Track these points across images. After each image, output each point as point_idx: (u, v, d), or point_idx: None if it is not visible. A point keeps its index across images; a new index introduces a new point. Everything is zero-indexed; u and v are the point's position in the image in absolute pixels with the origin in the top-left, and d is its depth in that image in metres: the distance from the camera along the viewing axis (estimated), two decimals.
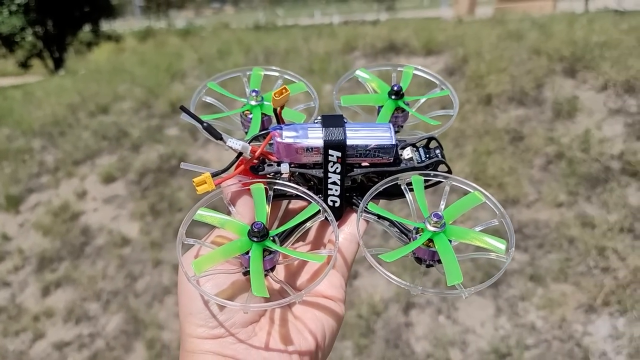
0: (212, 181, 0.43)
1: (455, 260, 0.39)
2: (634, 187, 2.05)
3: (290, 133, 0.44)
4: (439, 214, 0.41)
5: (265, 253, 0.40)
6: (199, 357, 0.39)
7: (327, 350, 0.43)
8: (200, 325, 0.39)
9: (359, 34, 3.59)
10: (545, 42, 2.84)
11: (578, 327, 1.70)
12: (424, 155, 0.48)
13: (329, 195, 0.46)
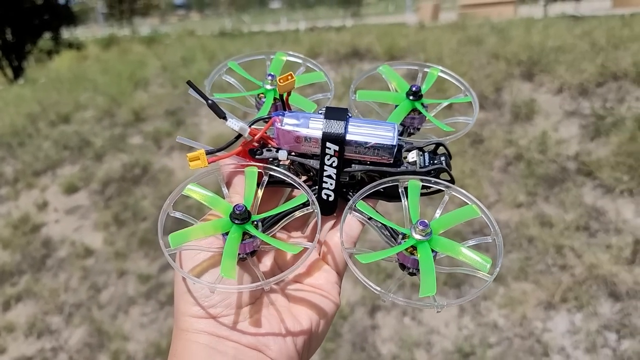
0: (206, 158, 0.43)
1: (432, 272, 0.38)
2: (589, 187, 2.12)
3: (291, 120, 0.44)
4: (425, 222, 0.40)
5: (245, 237, 0.40)
6: (193, 335, 0.39)
7: (320, 338, 0.43)
8: (195, 304, 0.39)
9: (323, 40, 3.62)
10: (504, 47, 2.92)
11: (538, 324, 1.75)
12: (428, 161, 0.46)
13: (323, 189, 0.45)
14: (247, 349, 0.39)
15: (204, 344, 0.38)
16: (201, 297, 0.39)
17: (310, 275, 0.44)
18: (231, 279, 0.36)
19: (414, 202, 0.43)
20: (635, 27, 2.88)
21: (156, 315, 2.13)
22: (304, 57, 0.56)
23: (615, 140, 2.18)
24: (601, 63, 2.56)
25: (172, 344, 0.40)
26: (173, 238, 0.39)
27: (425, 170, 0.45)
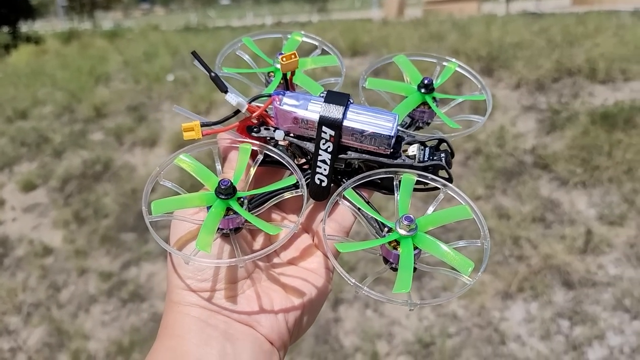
0: (201, 130, 0.42)
1: (410, 269, 0.37)
2: (545, 179, 2.18)
3: (290, 101, 0.42)
4: (410, 217, 0.39)
5: (230, 212, 0.39)
6: (184, 308, 0.39)
7: (311, 319, 0.44)
8: (188, 278, 0.39)
9: None
10: (464, 43, 2.97)
11: (496, 314, 1.79)
12: (428, 156, 0.44)
13: (317, 173, 0.44)
14: (238, 323, 0.39)
15: (196, 316, 0.38)
16: (194, 271, 0.39)
17: (303, 259, 0.44)
18: (206, 252, 0.36)
19: (404, 196, 0.42)
20: (589, 25, 2.97)
21: (118, 313, 2.10)
22: (320, 39, 0.54)
23: (569, 134, 2.25)
24: (557, 59, 2.63)
25: (163, 315, 0.40)
26: (156, 205, 0.39)
27: (423, 165, 0.43)
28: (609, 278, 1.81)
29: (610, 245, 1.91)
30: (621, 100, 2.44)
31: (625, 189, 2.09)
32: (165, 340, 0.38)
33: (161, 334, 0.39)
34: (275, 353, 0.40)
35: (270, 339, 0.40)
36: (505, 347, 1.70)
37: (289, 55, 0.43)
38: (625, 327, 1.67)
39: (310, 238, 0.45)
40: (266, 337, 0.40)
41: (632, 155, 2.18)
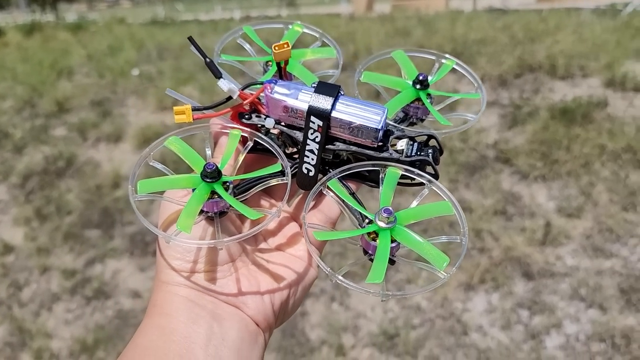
0: (192, 114, 0.42)
1: (384, 261, 0.38)
2: (506, 173, 2.24)
3: (281, 89, 0.43)
4: (389, 209, 0.39)
5: (214, 196, 0.40)
6: (173, 288, 0.40)
7: (297, 303, 0.44)
8: (177, 258, 0.40)
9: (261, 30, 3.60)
10: (430, 39, 3.01)
11: (458, 305, 1.83)
12: (415, 151, 0.44)
13: (304, 163, 0.44)
14: (225, 304, 0.40)
15: (184, 296, 0.39)
16: (184, 252, 0.40)
17: (290, 246, 0.45)
18: (186, 232, 0.37)
19: (387, 190, 0.42)
20: (550, 22, 3.04)
21: (82, 311, 2.07)
22: (321, 31, 0.55)
23: (530, 129, 2.31)
24: (519, 56, 2.69)
25: (152, 294, 0.41)
26: (142, 185, 0.39)
27: (409, 160, 0.43)
28: (567, 269, 1.87)
29: (568, 237, 1.97)
30: (579, 96, 2.51)
31: (582, 182, 2.16)
32: (153, 318, 0.39)
33: (150, 312, 0.40)
34: (260, 334, 0.41)
35: (256, 320, 0.41)
36: (468, 338, 1.74)
37: (281, 44, 0.44)
38: (581, 315, 1.72)
39: (298, 226, 0.46)
40: (252, 318, 0.41)
41: (589, 149, 2.25)
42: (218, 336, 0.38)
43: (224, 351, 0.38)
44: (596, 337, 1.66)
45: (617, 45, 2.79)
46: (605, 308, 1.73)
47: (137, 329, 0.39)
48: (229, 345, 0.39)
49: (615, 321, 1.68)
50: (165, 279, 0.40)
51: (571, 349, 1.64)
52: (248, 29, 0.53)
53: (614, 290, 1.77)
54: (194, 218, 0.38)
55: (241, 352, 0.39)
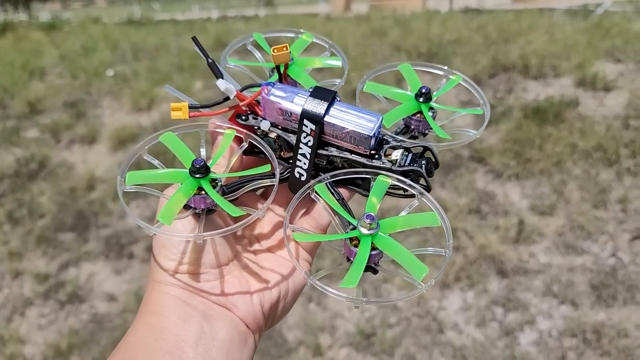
0: (188, 112, 0.42)
1: (361, 267, 0.37)
2: (481, 172, 2.26)
3: (278, 92, 0.43)
4: (372, 215, 0.39)
5: (201, 192, 0.40)
6: (165, 287, 0.40)
7: (287, 307, 0.45)
8: (171, 259, 0.40)
9: (230, 30, 3.58)
10: (405, 39, 3.03)
11: (434, 303, 1.85)
12: (409, 162, 0.44)
13: (297, 167, 0.44)
14: (216, 305, 0.41)
15: (176, 296, 0.40)
16: (177, 253, 0.41)
17: (283, 250, 0.46)
18: (166, 224, 0.38)
19: (374, 197, 0.41)
20: (523, 23, 3.09)
21: (55, 315, 2.04)
22: (331, 42, 0.55)
23: (504, 129, 2.34)
24: (493, 56, 2.72)
25: (145, 293, 0.42)
26: (130, 176, 0.40)
27: (401, 170, 0.43)
28: (540, 266, 1.90)
29: (541, 235, 2.00)
30: (551, 95, 2.55)
31: (554, 180, 2.20)
32: (145, 317, 0.40)
33: (142, 310, 0.41)
34: (250, 335, 0.42)
35: (246, 321, 0.42)
36: (443, 335, 1.75)
37: (280, 47, 0.44)
38: (554, 311, 1.75)
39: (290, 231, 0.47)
40: (242, 320, 0.41)
41: (561, 148, 2.29)
42: (208, 336, 0.39)
43: (214, 350, 0.39)
44: (568, 332, 1.69)
45: (588, 46, 2.84)
46: (577, 304, 1.76)
47: (129, 328, 0.40)
48: (219, 344, 0.39)
49: (586, 317, 1.71)
50: (158, 279, 0.41)
51: (544, 344, 1.67)
52: (258, 35, 0.54)
53: (585, 287, 1.81)
54: (177, 211, 0.38)
55: (230, 352, 0.40)
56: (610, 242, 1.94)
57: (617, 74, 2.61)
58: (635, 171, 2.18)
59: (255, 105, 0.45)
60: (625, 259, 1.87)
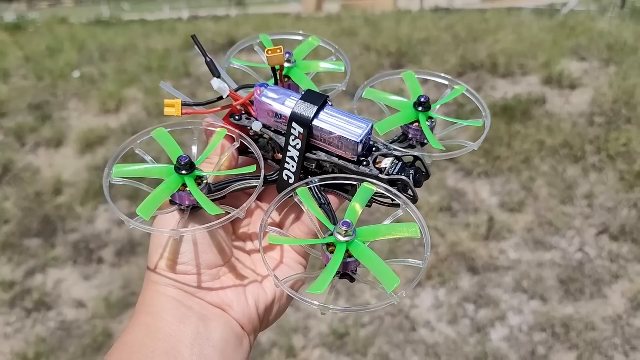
0: (181, 109, 0.43)
1: (331, 274, 0.37)
2: (451, 170, 2.28)
3: (270, 94, 0.43)
4: (348, 222, 0.38)
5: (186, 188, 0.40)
6: (162, 288, 0.41)
7: (282, 309, 0.45)
8: (168, 259, 0.41)
9: (199, 30, 3.55)
10: (375, 39, 3.04)
11: (406, 302, 1.86)
12: (397, 171, 0.43)
13: (285, 169, 0.44)
14: (212, 306, 0.41)
15: (172, 296, 0.40)
16: (174, 253, 0.41)
17: (276, 251, 0.46)
18: (144, 218, 0.38)
19: (356, 204, 0.41)
20: (491, 22, 3.13)
21: (22, 324, 1.99)
22: (337, 47, 0.55)
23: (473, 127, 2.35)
24: (462, 55, 2.75)
25: (142, 293, 0.42)
26: (117, 168, 0.41)
27: (388, 178, 0.42)
28: (510, 262, 1.92)
29: (510, 231, 2.03)
30: (519, 93, 2.59)
31: (523, 177, 2.23)
32: (141, 317, 0.40)
33: (138, 310, 0.41)
34: (245, 337, 0.42)
35: (242, 323, 0.42)
36: (416, 333, 1.76)
37: (274, 49, 0.44)
38: (524, 307, 1.78)
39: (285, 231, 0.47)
40: (237, 321, 0.42)
41: (529, 145, 2.33)
42: (204, 336, 0.39)
43: (209, 351, 0.39)
44: (538, 327, 1.71)
45: (554, 45, 2.89)
46: (546, 299, 1.79)
47: (125, 328, 0.40)
48: (214, 345, 0.40)
49: (555, 311, 1.74)
50: (154, 279, 0.41)
51: (515, 340, 1.69)
52: (265, 37, 0.54)
53: (554, 282, 1.84)
54: (157, 206, 0.39)
55: (226, 353, 0.40)
56: (577, 237, 1.98)
57: (582, 72, 2.66)
58: (600, 167, 2.22)
59: (249, 106, 0.45)
60: (592, 254, 1.91)
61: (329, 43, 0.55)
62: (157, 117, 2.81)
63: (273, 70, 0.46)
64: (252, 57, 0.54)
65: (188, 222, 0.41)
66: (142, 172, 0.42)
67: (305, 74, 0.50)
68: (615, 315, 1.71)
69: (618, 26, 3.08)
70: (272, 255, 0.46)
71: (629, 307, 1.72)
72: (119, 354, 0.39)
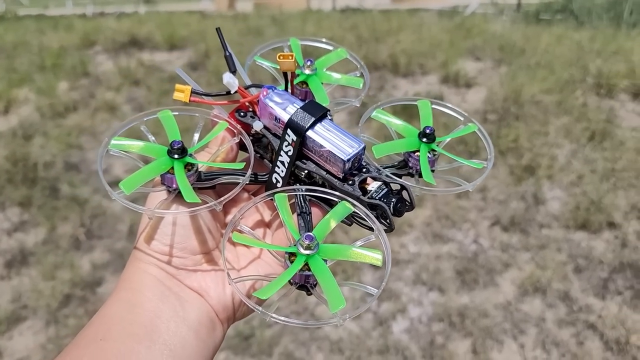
0: (189, 96, 0.44)
1: (280, 282, 0.38)
2: None
3: (275, 98, 0.45)
4: (311, 236, 0.39)
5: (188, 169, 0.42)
6: (145, 266, 0.42)
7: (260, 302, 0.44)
8: (153, 239, 0.43)
9: (99, 27, 3.39)
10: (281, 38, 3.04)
11: (311, 299, 1.87)
12: (380, 196, 0.43)
13: (274, 172, 0.45)
14: (190, 290, 0.43)
15: (153, 275, 0.42)
16: (161, 234, 0.43)
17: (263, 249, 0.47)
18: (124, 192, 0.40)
19: (329, 219, 0.41)
20: (393, 22, 3.22)
21: None
22: (363, 63, 0.56)
23: (375, 126, 2.42)
24: (364, 55, 2.81)
25: (124, 269, 0.44)
26: (116, 140, 0.43)
27: (368, 202, 0.42)
28: (410, 256, 1.99)
29: (410, 226, 2.10)
30: (419, 92, 2.68)
31: None
32: (122, 292, 0.42)
33: (119, 286, 0.43)
34: (218, 324, 0.44)
35: (216, 310, 0.44)
36: (321, 330, 1.78)
37: (286, 55, 0.44)
38: (423, 299, 1.84)
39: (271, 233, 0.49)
40: (213, 308, 0.43)
41: None
42: (180, 315, 0.41)
43: (184, 329, 0.41)
44: (436, 317, 1.78)
45: (451, 45, 3.02)
46: (444, 290, 1.86)
47: (105, 302, 0.42)
48: (189, 325, 0.41)
49: (452, 301, 1.82)
50: (139, 257, 0.43)
51: (415, 331, 1.75)
52: (294, 41, 0.55)
53: (450, 273, 1.92)
54: (140, 183, 0.40)
55: (199, 334, 0.42)
56: (472, 230, 2.08)
57: (476, 72, 2.80)
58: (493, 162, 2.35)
59: (256, 105, 0.46)
60: (485, 244, 2.01)
61: (355, 58, 0.56)
62: (51, 119, 2.65)
63: (284, 75, 0.47)
64: None
65: (172, 204, 0.43)
66: (138, 148, 0.43)
67: (323, 83, 0.51)
68: (505, 301, 1.81)
69: (509, 28, 3.27)
70: (253, 250, 0.47)
71: (518, 294, 1.83)
72: (97, 325, 0.40)
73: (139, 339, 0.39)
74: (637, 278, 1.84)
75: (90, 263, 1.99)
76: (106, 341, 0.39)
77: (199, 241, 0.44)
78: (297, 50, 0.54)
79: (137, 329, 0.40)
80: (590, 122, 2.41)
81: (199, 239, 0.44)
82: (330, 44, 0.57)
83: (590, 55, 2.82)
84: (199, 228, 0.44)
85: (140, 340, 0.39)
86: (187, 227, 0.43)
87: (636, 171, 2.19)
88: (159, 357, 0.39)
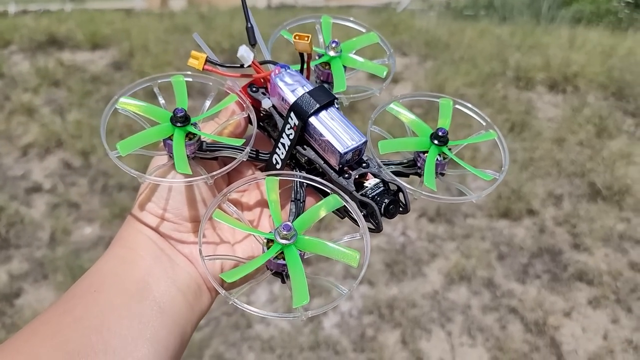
0: (203, 64, 0.44)
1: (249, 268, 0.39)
2: None
3: (286, 78, 0.44)
4: (289, 225, 0.38)
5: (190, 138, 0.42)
6: (141, 226, 0.44)
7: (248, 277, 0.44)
8: (151, 202, 0.44)
9: (15, 25, 3.23)
10: (208, 35, 2.99)
11: (242, 298, 1.85)
12: (374, 195, 0.42)
13: (275, 153, 0.45)
14: (182, 255, 0.45)
15: (148, 235, 0.44)
16: (160, 198, 0.44)
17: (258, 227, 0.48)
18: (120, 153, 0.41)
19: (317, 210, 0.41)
20: None
21: None
22: (392, 50, 0.55)
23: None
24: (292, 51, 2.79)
25: (121, 228, 0.45)
26: (125, 99, 0.44)
27: (360, 198, 0.42)
28: None
29: (340, 221, 2.11)
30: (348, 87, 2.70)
31: None
32: (116, 249, 0.44)
33: (114, 243, 0.44)
34: (206, 291, 0.46)
35: (205, 279, 0.45)
36: (252, 330, 1.77)
37: (302, 35, 0.44)
38: (354, 292, 1.86)
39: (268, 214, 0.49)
40: (201, 275, 0.45)
41: None
42: (171, 277, 0.43)
43: (173, 290, 0.43)
44: (366, 310, 1.80)
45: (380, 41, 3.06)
46: (374, 282, 1.89)
47: (100, 258, 0.43)
48: (178, 287, 0.43)
49: (381, 293, 1.85)
50: (135, 216, 0.44)
51: (346, 325, 1.77)
52: (326, 19, 0.53)
53: (380, 265, 1.95)
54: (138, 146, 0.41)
55: (187, 297, 0.43)
56: (401, 222, 2.12)
57: (403, 67, 2.85)
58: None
59: (268, 82, 0.46)
60: (413, 236, 2.05)
61: (386, 44, 0.55)
62: None
63: (300, 56, 0.46)
64: None
65: (170, 170, 0.43)
66: (144, 109, 0.43)
67: (345, 67, 0.50)
68: (432, 291, 1.86)
69: (435, 24, 3.35)
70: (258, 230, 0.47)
71: (444, 282, 1.88)
72: (92, 278, 0.42)
73: (131, 293, 0.41)
74: (554, 262, 1.93)
75: (7, 274, 1.90)
76: (99, 293, 0.40)
77: (193, 210, 0.45)
78: (328, 29, 0.53)
79: (129, 284, 0.41)
80: (511, 113, 2.50)
81: (194, 207, 0.45)
82: (364, 26, 0.56)
83: (510, 50, 2.93)
84: (194, 198, 0.45)
85: (131, 295, 0.41)
86: (184, 195, 0.44)
87: (552, 160, 2.29)
88: (149, 312, 0.41)
